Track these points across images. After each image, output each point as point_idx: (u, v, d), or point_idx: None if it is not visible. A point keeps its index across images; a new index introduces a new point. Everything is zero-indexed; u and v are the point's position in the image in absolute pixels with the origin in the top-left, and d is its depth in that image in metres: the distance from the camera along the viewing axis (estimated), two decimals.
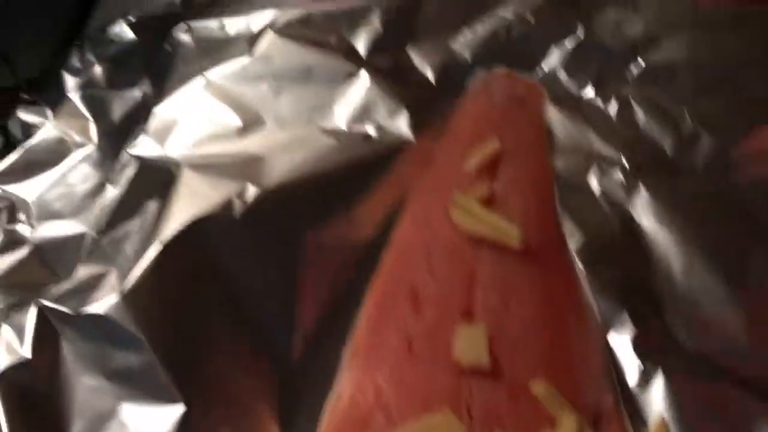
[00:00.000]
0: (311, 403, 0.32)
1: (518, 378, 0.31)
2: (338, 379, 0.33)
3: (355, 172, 0.39)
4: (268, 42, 0.45)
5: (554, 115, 0.41)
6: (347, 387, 0.32)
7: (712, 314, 0.33)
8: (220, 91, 0.43)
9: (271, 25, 0.45)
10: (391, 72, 0.43)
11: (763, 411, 0.30)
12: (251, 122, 0.41)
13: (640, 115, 0.40)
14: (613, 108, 0.41)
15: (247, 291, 0.35)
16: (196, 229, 0.36)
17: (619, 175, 0.38)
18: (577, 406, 0.30)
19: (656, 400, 0.31)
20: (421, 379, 0.31)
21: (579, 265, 0.35)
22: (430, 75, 0.43)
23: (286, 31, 0.45)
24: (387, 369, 0.32)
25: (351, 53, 0.44)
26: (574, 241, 0.36)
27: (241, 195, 0.37)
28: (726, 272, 0.34)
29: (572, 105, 0.41)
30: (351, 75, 0.43)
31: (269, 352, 0.34)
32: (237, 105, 0.42)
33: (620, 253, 0.36)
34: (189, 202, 0.37)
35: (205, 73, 0.44)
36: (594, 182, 0.38)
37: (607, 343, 0.33)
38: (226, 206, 0.36)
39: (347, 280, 0.36)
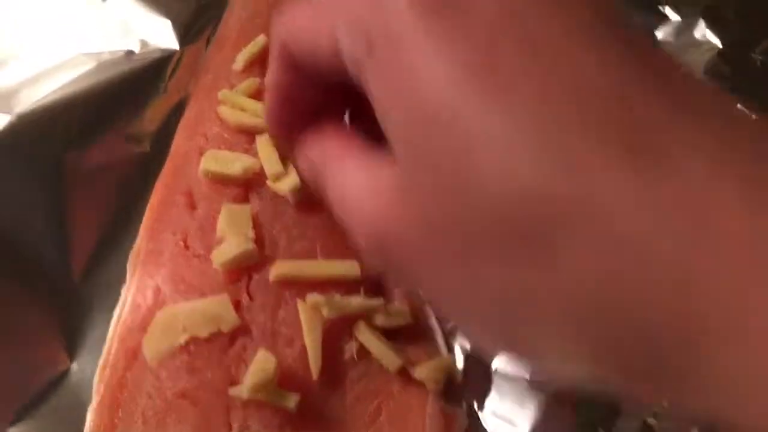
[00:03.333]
0: (99, 318, 0.32)
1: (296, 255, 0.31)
2: (123, 289, 0.31)
3: (122, 89, 0.37)
4: None
5: None
6: (129, 294, 0.31)
7: None
8: None
9: None
10: None
11: None
12: (3, 57, 0.38)
13: None
14: None
15: (10, 221, 0.33)
16: None
17: None
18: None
19: None
20: (196, 272, 0.30)
21: None
22: None
23: None
24: (164, 269, 0.31)
25: None
26: None
27: None
28: None
29: None
30: None
31: (45, 278, 0.33)
32: None
33: None
34: None
35: None
36: None
37: None
38: None
39: (127, 196, 0.35)
